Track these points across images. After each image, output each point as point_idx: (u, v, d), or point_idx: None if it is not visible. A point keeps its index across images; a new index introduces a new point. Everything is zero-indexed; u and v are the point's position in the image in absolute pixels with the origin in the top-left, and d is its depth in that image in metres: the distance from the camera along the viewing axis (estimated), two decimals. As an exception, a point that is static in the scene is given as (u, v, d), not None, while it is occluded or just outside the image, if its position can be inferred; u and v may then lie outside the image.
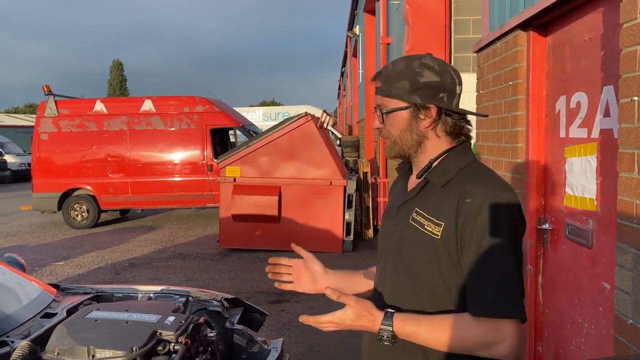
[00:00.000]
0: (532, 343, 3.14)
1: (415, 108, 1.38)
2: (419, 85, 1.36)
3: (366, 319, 1.32)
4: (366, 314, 1.32)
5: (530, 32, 3.03)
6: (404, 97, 1.38)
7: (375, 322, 1.32)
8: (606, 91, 2.29)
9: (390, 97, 1.40)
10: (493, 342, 1.25)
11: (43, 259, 8.04)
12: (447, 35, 6.20)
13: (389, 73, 1.41)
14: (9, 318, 2.44)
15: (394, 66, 1.41)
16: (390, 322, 1.30)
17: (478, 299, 1.27)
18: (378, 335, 1.32)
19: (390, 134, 1.43)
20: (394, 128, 1.42)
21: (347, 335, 4.59)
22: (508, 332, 1.25)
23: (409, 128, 1.40)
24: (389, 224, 1.51)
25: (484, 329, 1.25)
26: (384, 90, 1.41)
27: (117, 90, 61.60)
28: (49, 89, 10.57)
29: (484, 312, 1.25)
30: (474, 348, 1.27)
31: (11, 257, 3.28)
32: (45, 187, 10.60)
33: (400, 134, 1.41)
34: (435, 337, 1.28)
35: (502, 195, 1.30)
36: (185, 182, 10.60)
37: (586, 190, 2.49)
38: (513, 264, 1.27)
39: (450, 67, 1.41)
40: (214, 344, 2.43)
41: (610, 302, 2.22)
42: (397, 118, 1.41)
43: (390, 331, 1.30)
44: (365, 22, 14.73)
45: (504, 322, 1.25)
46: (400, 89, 1.38)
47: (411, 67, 1.38)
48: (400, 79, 1.38)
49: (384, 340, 1.32)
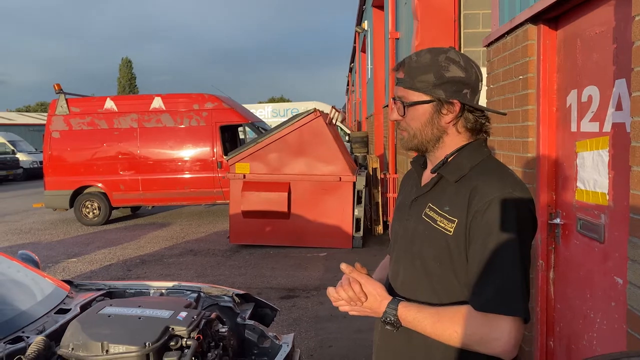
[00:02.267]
0: (544, 338, 3.12)
1: (438, 103, 1.35)
2: (445, 79, 1.34)
3: (373, 299, 1.36)
4: (375, 294, 1.36)
5: (541, 25, 3.00)
6: (428, 91, 1.35)
7: (381, 304, 1.35)
8: (618, 84, 2.27)
9: (414, 89, 1.36)
10: (489, 338, 1.25)
11: (56, 255, 8.13)
12: (456, 29, 6.16)
13: (413, 65, 1.37)
14: (25, 314, 2.48)
15: (419, 58, 1.37)
16: (396, 306, 1.34)
17: (479, 294, 1.27)
18: (383, 317, 1.35)
19: (409, 126, 1.40)
20: (415, 121, 1.39)
21: (357, 330, 4.62)
22: (504, 330, 1.24)
23: (430, 122, 1.38)
24: (401, 218, 1.51)
25: (481, 323, 1.25)
26: (407, 82, 1.37)
27: (127, 88, 61.89)
28: (60, 87, 10.66)
29: (483, 307, 1.25)
30: (470, 341, 1.27)
31: (25, 254, 3.32)
32: (57, 185, 10.70)
33: (421, 128, 1.39)
34: (435, 325, 1.30)
35: (512, 192, 1.29)
36: (195, 179, 10.65)
37: (598, 185, 2.47)
38: (517, 262, 1.26)
39: (474, 63, 1.39)
40: (225, 339, 2.45)
41: (623, 296, 2.21)
42: (419, 111, 1.38)
43: (394, 314, 1.33)
44: (374, 17, 14.66)
45: (502, 319, 1.24)
46: (424, 82, 1.35)
47: (437, 60, 1.35)
48: (425, 71, 1.35)
49: (388, 323, 1.35)
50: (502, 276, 1.25)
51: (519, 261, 1.26)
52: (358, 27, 19.62)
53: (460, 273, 1.33)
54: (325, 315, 5.09)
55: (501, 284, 1.25)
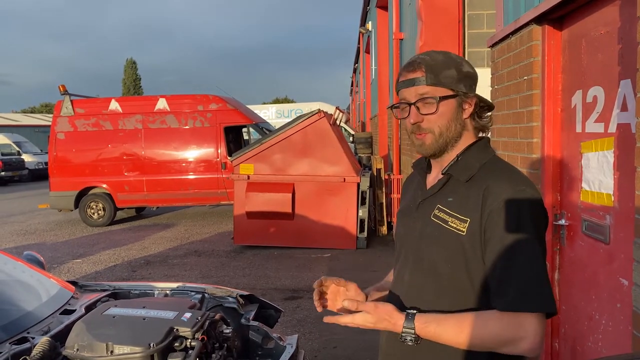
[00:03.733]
0: (549, 340, 3.11)
1: (460, 97, 1.38)
2: (463, 74, 1.37)
3: (387, 323, 1.32)
4: (386, 318, 1.32)
5: (545, 26, 2.99)
6: (453, 86, 1.36)
7: (396, 325, 1.31)
8: (623, 85, 2.26)
9: (440, 85, 1.36)
10: (516, 337, 1.24)
11: (61, 256, 8.16)
12: (460, 30, 6.15)
13: (431, 63, 1.37)
14: (30, 314, 2.49)
15: (432, 57, 1.38)
16: (412, 325, 1.30)
17: (502, 294, 1.26)
18: (401, 338, 1.32)
19: (435, 125, 1.38)
20: (443, 118, 1.37)
21: (362, 332, 4.59)
22: (530, 328, 1.23)
23: (455, 117, 1.39)
24: (407, 222, 1.49)
25: (506, 324, 1.24)
26: (432, 79, 1.35)
27: (132, 89, 62.07)
28: (64, 88, 10.70)
29: (509, 307, 1.24)
30: (497, 344, 1.26)
31: (31, 254, 3.33)
32: (62, 186, 10.74)
33: (448, 124, 1.38)
34: (457, 335, 1.27)
35: (525, 190, 1.30)
36: (199, 179, 10.67)
37: (603, 186, 2.46)
38: (537, 258, 1.26)
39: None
40: (229, 340, 2.45)
41: (629, 298, 2.20)
42: (446, 107, 1.37)
43: (412, 334, 1.30)
44: (378, 18, 14.65)
45: (527, 317, 1.23)
46: (449, 78, 1.36)
47: (451, 57, 1.39)
48: (447, 67, 1.36)
49: (407, 342, 1.31)
50: (523, 274, 1.24)
51: (538, 257, 1.26)
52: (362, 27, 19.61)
53: (475, 273, 1.32)
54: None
55: (524, 281, 1.24)
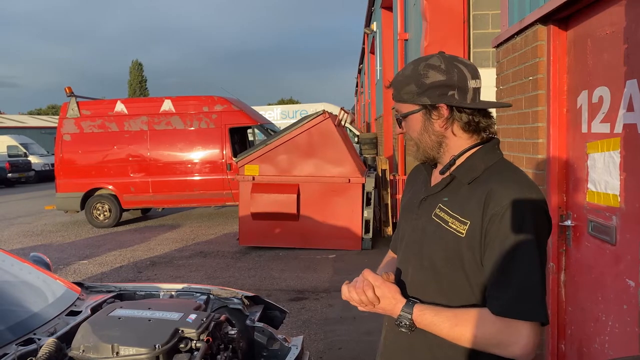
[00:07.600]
0: (555, 341, 3.10)
1: (426, 110, 1.41)
2: (425, 86, 1.38)
3: (388, 301, 1.36)
4: (389, 297, 1.36)
5: (551, 26, 2.98)
6: (413, 101, 1.42)
7: (396, 306, 1.36)
8: (629, 85, 2.25)
9: (402, 102, 1.44)
10: (507, 342, 1.25)
11: (67, 257, 8.20)
12: (465, 30, 6.13)
13: (399, 79, 1.44)
14: (36, 316, 2.50)
15: (403, 72, 1.45)
16: (410, 310, 1.34)
17: (497, 299, 1.27)
18: (397, 320, 1.36)
19: (411, 138, 1.48)
20: (412, 131, 1.46)
21: (367, 333, 4.61)
22: (523, 334, 1.24)
23: (425, 129, 1.43)
24: (409, 217, 1.51)
25: (499, 327, 1.25)
26: (396, 96, 1.45)
27: (137, 90, 62.35)
28: (71, 90, 10.76)
29: (502, 312, 1.25)
30: (487, 345, 1.27)
31: (37, 256, 3.34)
32: (68, 187, 10.80)
33: (419, 137, 1.45)
34: (451, 329, 1.29)
35: (529, 195, 1.30)
36: (205, 181, 10.70)
37: (609, 186, 2.45)
38: (535, 265, 1.26)
39: (460, 63, 1.39)
40: (235, 342, 2.45)
41: (635, 299, 2.19)
42: (412, 121, 1.44)
43: (409, 318, 1.33)
44: (383, 19, 14.65)
45: (521, 323, 1.24)
46: (408, 93, 1.42)
47: (417, 70, 1.41)
48: (407, 83, 1.42)
49: (402, 326, 1.35)
50: (520, 281, 1.25)
51: (536, 265, 1.26)
52: (367, 28, 19.62)
53: (472, 274, 1.33)
54: (334, 317, 5.08)
55: (520, 288, 1.25)
